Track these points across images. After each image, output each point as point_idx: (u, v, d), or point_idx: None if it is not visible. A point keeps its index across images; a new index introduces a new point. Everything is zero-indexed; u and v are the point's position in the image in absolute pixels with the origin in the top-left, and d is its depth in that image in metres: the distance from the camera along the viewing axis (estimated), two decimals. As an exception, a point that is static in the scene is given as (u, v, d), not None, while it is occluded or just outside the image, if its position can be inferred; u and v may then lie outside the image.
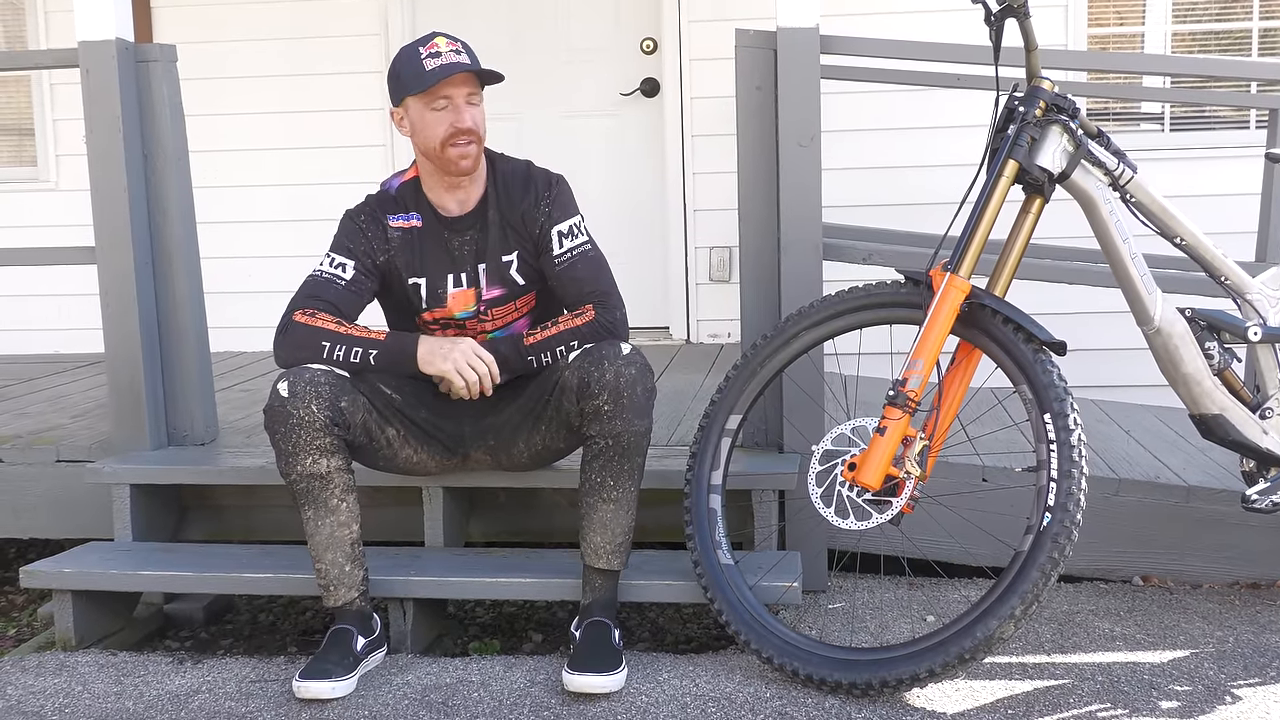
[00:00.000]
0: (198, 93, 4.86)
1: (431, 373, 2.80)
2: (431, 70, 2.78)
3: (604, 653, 2.73)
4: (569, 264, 2.92)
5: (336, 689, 2.68)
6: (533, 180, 2.97)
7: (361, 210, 2.96)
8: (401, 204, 2.96)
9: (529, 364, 2.87)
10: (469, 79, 2.83)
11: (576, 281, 2.92)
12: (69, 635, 3.18)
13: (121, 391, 3.59)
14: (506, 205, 2.95)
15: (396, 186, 2.98)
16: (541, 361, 2.86)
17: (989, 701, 2.64)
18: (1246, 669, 2.81)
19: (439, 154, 2.84)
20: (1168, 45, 5.57)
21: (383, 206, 2.96)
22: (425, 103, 2.83)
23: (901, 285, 2.83)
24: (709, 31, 5.52)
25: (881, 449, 2.60)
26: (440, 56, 2.79)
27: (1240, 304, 2.95)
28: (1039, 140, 2.69)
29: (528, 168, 3.00)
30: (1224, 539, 3.44)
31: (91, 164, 3.53)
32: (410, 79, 2.81)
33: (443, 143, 2.82)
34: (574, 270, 2.92)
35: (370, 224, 2.93)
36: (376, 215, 2.95)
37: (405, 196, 2.97)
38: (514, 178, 2.97)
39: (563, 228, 2.94)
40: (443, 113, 2.82)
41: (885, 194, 5.32)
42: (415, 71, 2.80)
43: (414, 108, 2.85)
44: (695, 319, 5.81)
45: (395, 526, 3.41)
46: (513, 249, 2.96)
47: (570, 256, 2.92)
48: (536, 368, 2.88)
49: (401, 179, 2.99)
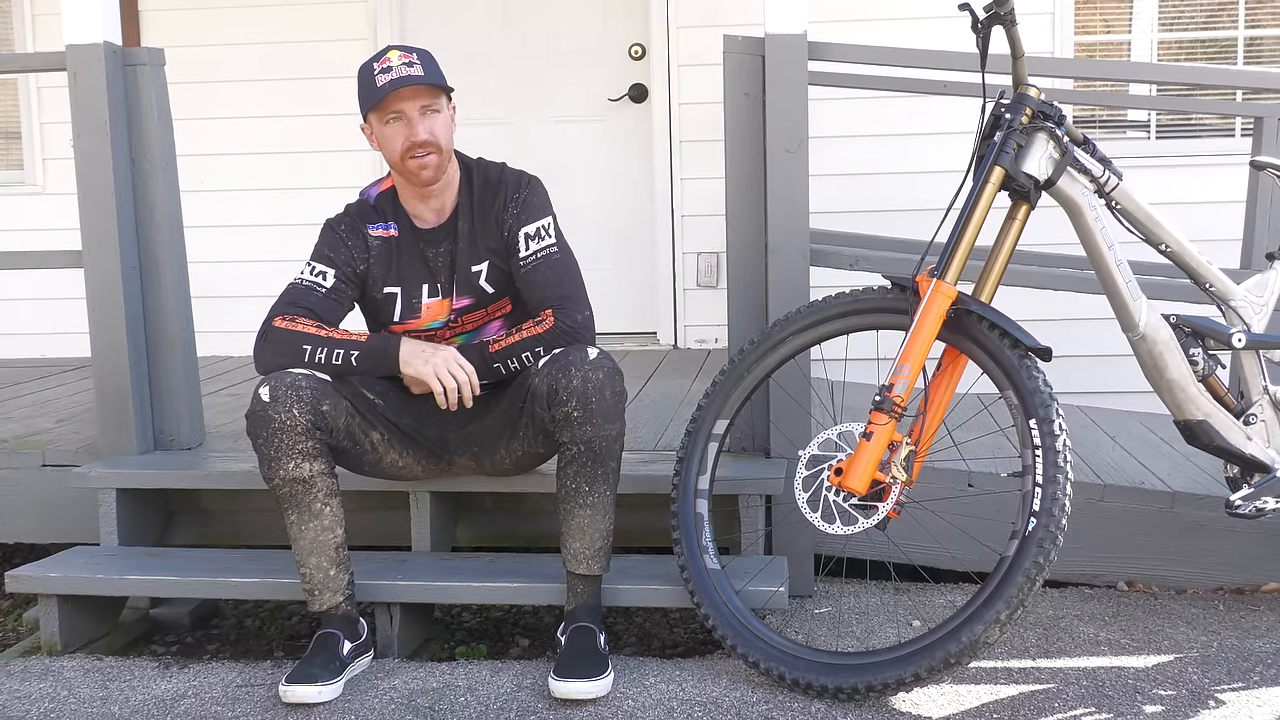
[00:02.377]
0: (186, 97, 4.87)
1: (410, 374, 2.79)
2: (381, 86, 2.80)
3: (590, 658, 2.73)
4: (532, 267, 2.90)
5: (322, 693, 2.68)
6: (504, 183, 2.97)
7: (342, 220, 2.97)
8: (380, 213, 2.97)
9: (496, 371, 2.85)
10: (422, 91, 2.82)
11: (538, 285, 2.90)
12: (54, 640, 3.17)
13: (108, 395, 3.58)
14: (479, 212, 2.95)
15: (375, 196, 3.00)
16: (509, 368, 2.85)
17: (974, 706, 2.64)
18: (1230, 674, 2.82)
19: (401, 166, 2.86)
20: (1154, 53, 5.60)
21: (363, 216, 2.97)
22: (380, 118, 2.85)
23: (888, 291, 2.83)
24: (697, 37, 5.54)
25: (868, 454, 2.61)
26: (391, 71, 2.80)
27: (1225, 310, 2.97)
28: (1025, 147, 2.70)
29: (501, 170, 3.00)
30: (1208, 544, 3.45)
31: (79, 168, 3.52)
32: (364, 95, 2.85)
33: (401, 155, 2.83)
34: (537, 274, 2.90)
35: (350, 234, 2.94)
36: (356, 225, 2.95)
37: (384, 206, 2.98)
38: (487, 182, 2.98)
39: (530, 229, 2.93)
40: (397, 125, 2.83)
41: (872, 200, 5.33)
42: (368, 87, 2.83)
43: (374, 123, 2.87)
44: (683, 324, 5.81)
45: (382, 531, 3.41)
46: (483, 258, 2.96)
47: (535, 260, 2.91)
48: (505, 374, 2.86)
49: (379, 188, 3.01)
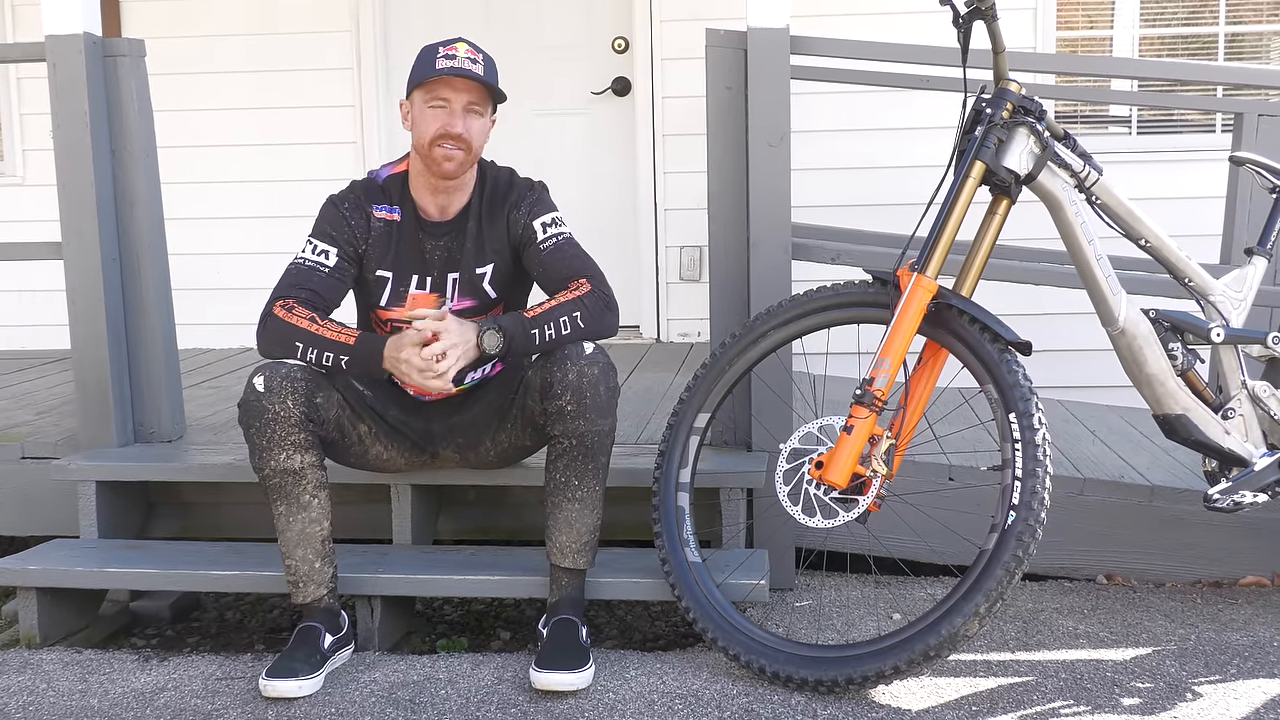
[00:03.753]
0: (167, 88, 4.84)
1: (389, 368, 2.75)
2: (439, 68, 2.80)
3: (571, 650, 2.73)
4: (555, 247, 2.91)
5: (303, 687, 2.68)
6: (514, 186, 2.99)
7: (346, 198, 2.95)
8: (387, 195, 2.96)
9: (532, 338, 2.76)
10: (475, 88, 2.83)
11: (564, 261, 2.90)
12: (33, 633, 3.16)
13: (88, 388, 3.57)
14: (488, 214, 2.96)
15: (385, 177, 2.99)
16: (546, 336, 2.76)
17: (953, 698, 2.66)
18: (1208, 666, 2.84)
19: (426, 151, 2.84)
20: (1136, 49, 5.62)
21: (369, 195, 2.95)
22: (424, 98, 2.85)
23: (869, 285, 2.84)
24: (680, 31, 5.53)
25: (848, 448, 2.61)
26: (455, 59, 2.81)
27: (1204, 305, 2.98)
28: (1006, 142, 2.71)
29: (511, 174, 3.02)
30: (1187, 538, 3.47)
31: (58, 159, 3.50)
32: (418, 71, 2.86)
33: (430, 140, 2.82)
34: (560, 252, 2.90)
35: (354, 212, 2.93)
36: (361, 204, 2.94)
37: (391, 189, 2.97)
38: (498, 186, 2.98)
39: (545, 219, 2.94)
40: (438, 111, 2.83)
41: (854, 194, 5.34)
42: (426, 65, 2.83)
43: (416, 101, 2.87)
44: (666, 318, 5.81)
45: (364, 524, 3.40)
46: (489, 260, 2.96)
47: (555, 240, 2.91)
48: (541, 343, 2.77)
49: (392, 170, 3.00)
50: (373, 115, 5.81)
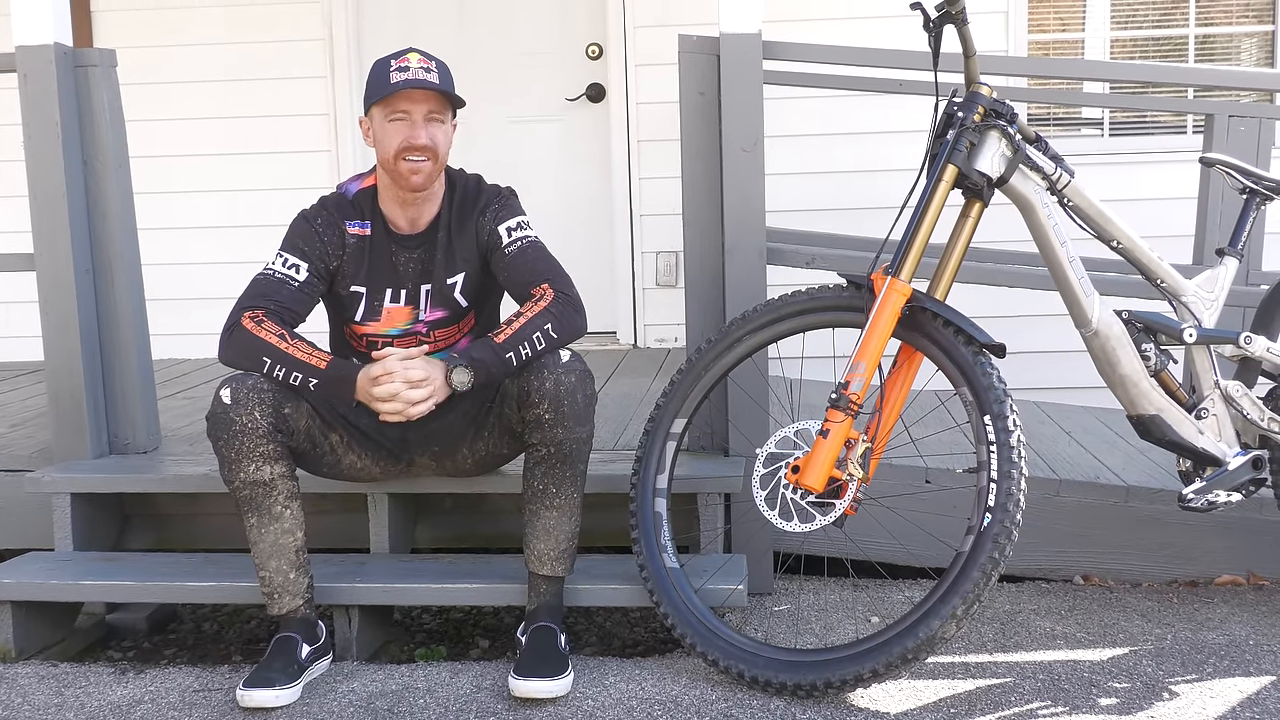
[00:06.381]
0: (139, 98, 4.82)
1: (364, 400, 2.70)
2: (394, 82, 2.78)
3: (550, 658, 2.73)
4: (518, 251, 2.89)
5: (281, 697, 2.67)
6: (482, 193, 2.98)
7: (318, 214, 2.94)
8: (358, 210, 2.95)
9: (508, 363, 2.73)
10: (433, 97, 2.82)
11: (528, 264, 2.88)
12: (8, 646, 3.14)
13: (61, 399, 3.55)
14: (458, 223, 2.95)
15: (354, 192, 2.97)
16: (521, 356, 2.74)
17: (931, 701, 2.66)
18: (1184, 665, 2.86)
19: (393, 165, 2.83)
20: (1107, 51, 5.66)
21: (341, 211, 2.94)
22: (384, 113, 2.83)
23: (844, 289, 2.85)
24: (653, 37, 5.54)
25: (824, 452, 2.62)
26: (408, 70, 2.79)
27: (1176, 306, 3.00)
28: (978, 145, 2.72)
29: (479, 182, 3.01)
30: (1162, 538, 3.49)
31: (29, 170, 3.48)
32: (374, 87, 2.84)
33: (395, 154, 2.81)
34: (523, 256, 2.89)
35: (327, 228, 2.91)
36: (335, 220, 2.92)
37: (362, 203, 2.95)
38: (466, 194, 2.98)
39: (510, 224, 2.93)
40: (400, 124, 2.82)
41: (828, 198, 5.36)
42: (380, 81, 2.82)
43: (376, 117, 2.86)
44: (642, 323, 5.82)
45: (341, 533, 3.39)
46: (459, 269, 2.95)
47: (519, 244, 2.90)
48: (518, 363, 2.75)
49: (360, 184, 2.98)
50: (347, 124, 5.79)
